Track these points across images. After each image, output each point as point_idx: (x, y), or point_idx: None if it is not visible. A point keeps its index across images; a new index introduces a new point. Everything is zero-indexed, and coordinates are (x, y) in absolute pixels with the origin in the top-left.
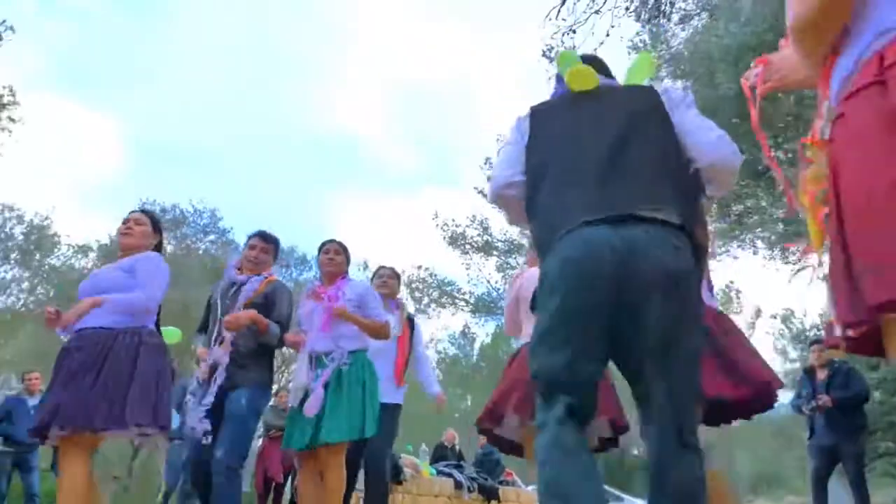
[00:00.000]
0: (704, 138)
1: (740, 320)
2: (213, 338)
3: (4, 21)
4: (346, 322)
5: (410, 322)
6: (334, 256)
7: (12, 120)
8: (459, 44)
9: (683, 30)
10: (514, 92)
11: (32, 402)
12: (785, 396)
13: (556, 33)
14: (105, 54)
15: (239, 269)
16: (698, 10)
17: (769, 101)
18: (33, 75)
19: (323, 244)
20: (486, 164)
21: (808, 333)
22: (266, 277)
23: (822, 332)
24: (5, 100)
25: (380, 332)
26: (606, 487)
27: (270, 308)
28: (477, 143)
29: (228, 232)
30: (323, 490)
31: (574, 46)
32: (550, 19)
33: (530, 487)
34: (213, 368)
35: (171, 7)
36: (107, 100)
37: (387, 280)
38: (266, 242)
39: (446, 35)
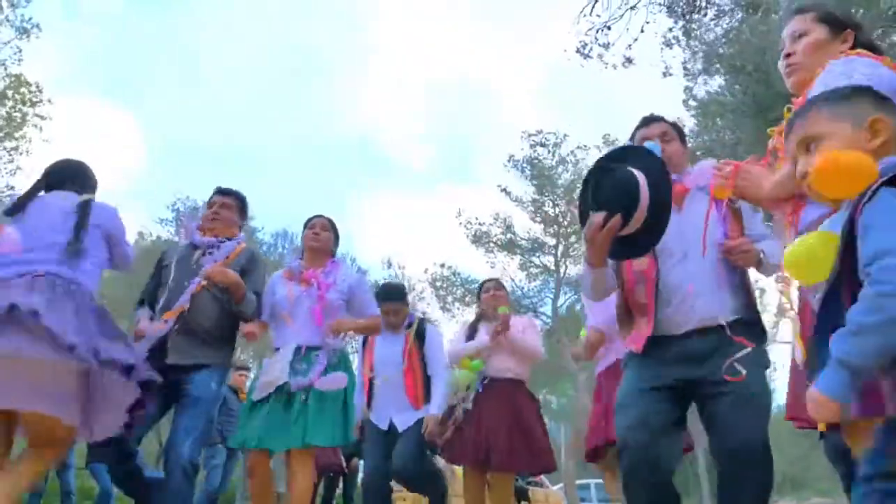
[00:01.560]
0: None
1: (765, 319)
2: (162, 309)
3: (31, 19)
4: (336, 315)
5: (420, 333)
6: (320, 232)
7: (41, 117)
8: (475, 42)
9: (717, 24)
10: (529, 90)
11: None
12: None
13: (590, 30)
14: (128, 55)
15: (201, 232)
16: (732, 6)
17: None
18: (59, 77)
19: (309, 219)
20: (509, 161)
21: None
22: (239, 243)
23: None
24: (34, 97)
25: (376, 328)
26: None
27: (245, 280)
28: (491, 140)
29: (258, 231)
30: (289, 492)
31: (608, 43)
32: (585, 15)
33: (556, 487)
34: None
35: (192, 9)
36: (132, 99)
37: (399, 309)
38: (225, 197)
39: (462, 33)
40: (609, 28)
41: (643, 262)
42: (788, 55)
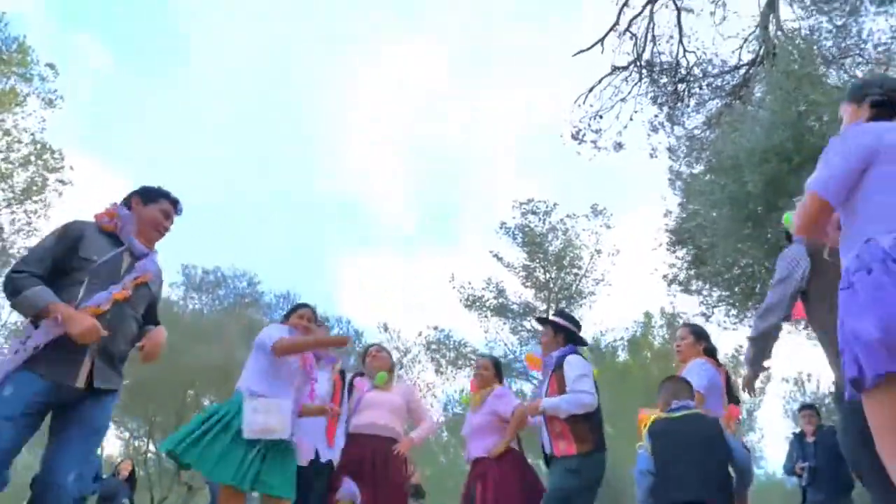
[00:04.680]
0: None
1: None
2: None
3: (56, 91)
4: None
5: (342, 376)
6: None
7: (62, 182)
8: (458, 106)
9: (698, 112)
10: (514, 155)
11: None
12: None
13: (583, 118)
14: (116, 112)
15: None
16: (712, 96)
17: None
18: (49, 132)
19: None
20: (501, 228)
21: (821, 397)
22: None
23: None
24: (57, 164)
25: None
26: None
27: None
28: (476, 204)
29: (263, 295)
30: None
31: (600, 129)
32: (579, 105)
33: None
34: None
35: (181, 69)
36: (117, 155)
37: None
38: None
39: (449, 98)
40: (601, 116)
41: None
42: (678, 345)
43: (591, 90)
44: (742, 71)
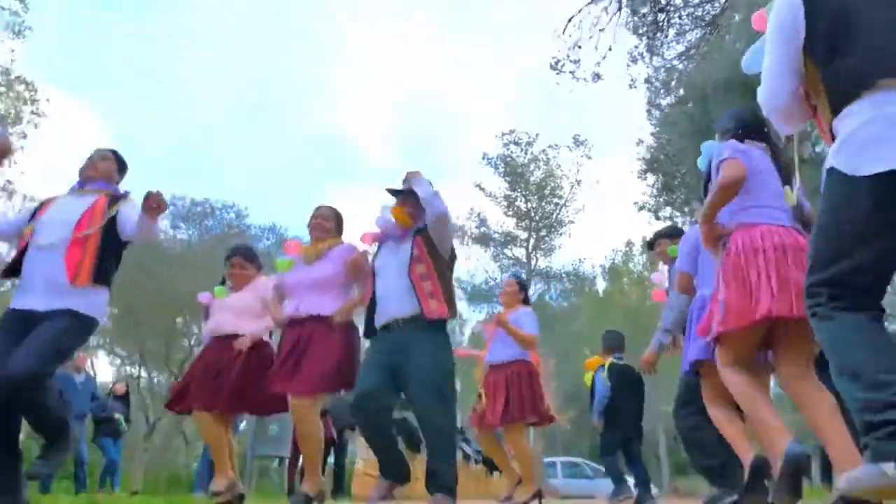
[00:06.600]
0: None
1: None
2: None
3: (24, 22)
4: None
5: (112, 200)
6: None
7: (37, 114)
8: (445, 49)
9: (678, 42)
10: (497, 87)
11: (79, 378)
12: None
13: (562, 48)
14: (95, 50)
15: None
16: (693, 27)
17: None
18: (20, 66)
19: None
20: (483, 159)
21: None
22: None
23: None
24: (32, 96)
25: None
26: (593, 464)
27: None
28: (461, 140)
29: (250, 227)
30: None
31: (578, 60)
32: (559, 35)
33: None
34: None
35: (165, 11)
36: (101, 96)
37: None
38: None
39: (437, 41)
40: (580, 47)
41: None
42: (503, 292)
43: (570, 20)
44: (722, 0)
